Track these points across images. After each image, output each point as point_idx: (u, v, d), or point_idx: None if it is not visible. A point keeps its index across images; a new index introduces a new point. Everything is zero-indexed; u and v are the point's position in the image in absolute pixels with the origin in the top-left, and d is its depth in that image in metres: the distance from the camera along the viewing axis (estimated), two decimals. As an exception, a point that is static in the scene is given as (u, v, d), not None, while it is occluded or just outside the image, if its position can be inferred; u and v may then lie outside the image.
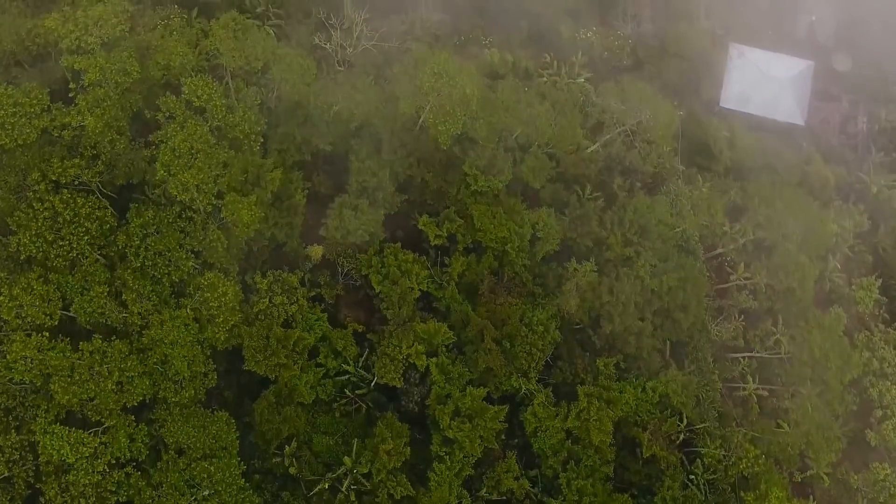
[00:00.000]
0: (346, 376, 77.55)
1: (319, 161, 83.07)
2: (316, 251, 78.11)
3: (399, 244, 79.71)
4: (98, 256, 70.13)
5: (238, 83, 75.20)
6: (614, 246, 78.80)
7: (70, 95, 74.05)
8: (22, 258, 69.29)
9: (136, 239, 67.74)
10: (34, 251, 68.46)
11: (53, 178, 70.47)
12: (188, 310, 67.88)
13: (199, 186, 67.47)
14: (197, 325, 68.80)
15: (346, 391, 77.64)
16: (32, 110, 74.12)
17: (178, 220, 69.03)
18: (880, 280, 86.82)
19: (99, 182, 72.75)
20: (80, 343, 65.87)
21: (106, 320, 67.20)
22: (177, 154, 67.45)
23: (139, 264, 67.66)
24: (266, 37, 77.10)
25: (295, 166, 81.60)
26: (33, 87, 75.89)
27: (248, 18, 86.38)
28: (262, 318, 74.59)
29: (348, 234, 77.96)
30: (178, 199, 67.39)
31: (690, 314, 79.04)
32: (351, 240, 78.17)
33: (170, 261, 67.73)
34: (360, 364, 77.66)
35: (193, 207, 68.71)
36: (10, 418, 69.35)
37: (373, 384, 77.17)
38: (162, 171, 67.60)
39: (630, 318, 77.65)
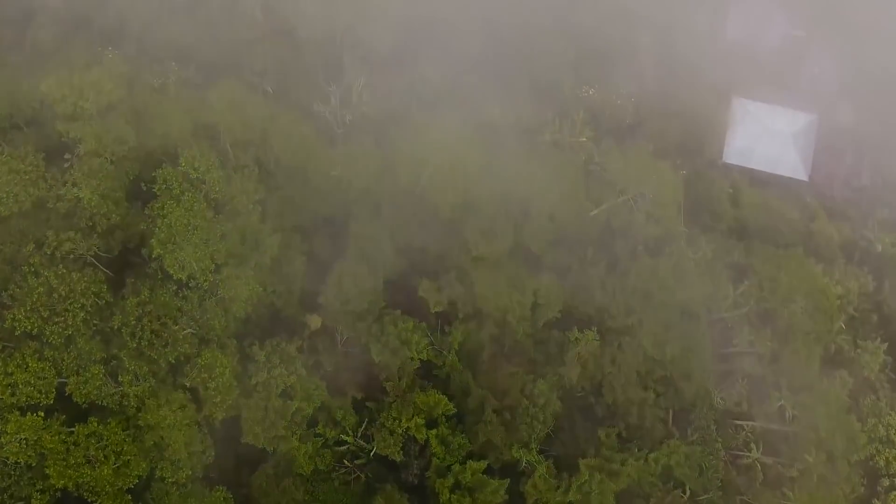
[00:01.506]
0: (346, 446, 77.20)
1: (319, 223, 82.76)
2: (315, 321, 77.77)
3: (399, 311, 79.46)
4: (94, 331, 69.77)
5: (236, 151, 74.77)
6: (617, 315, 78.47)
7: (65, 166, 73.74)
8: (17, 333, 68.95)
9: (132, 318, 67.32)
10: (29, 327, 68.16)
11: (49, 253, 70.29)
12: (185, 392, 67.44)
13: (197, 263, 67.10)
14: (194, 405, 68.39)
15: (346, 461, 77.29)
16: (28, 177, 74.12)
17: (175, 298, 68.60)
18: (886, 344, 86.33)
19: (96, 249, 72.67)
20: (77, 425, 65.47)
21: (102, 401, 66.75)
22: (173, 231, 67.07)
23: (135, 344, 67.22)
24: (264, 104, 76.45)
25: (294, 229, 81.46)
26: (29, 153, 75.92)
27: (245, 78, 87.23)
28: (261, 389, 74.27)
29: (348, 301, 77.72)
30: (174, 277, 66.97)
31: (694, 383, 78.73)
32: (350, 307, 77.87)
33: (166, 341, 67.26)
34: (360, 434, 77.29)
35: (190, 285, 68.28)
36: (6, 497, 68.91)
37: (372, 454, 76.79)
38: (158, 248, 67.28)
39: (632, 387, 77.38)
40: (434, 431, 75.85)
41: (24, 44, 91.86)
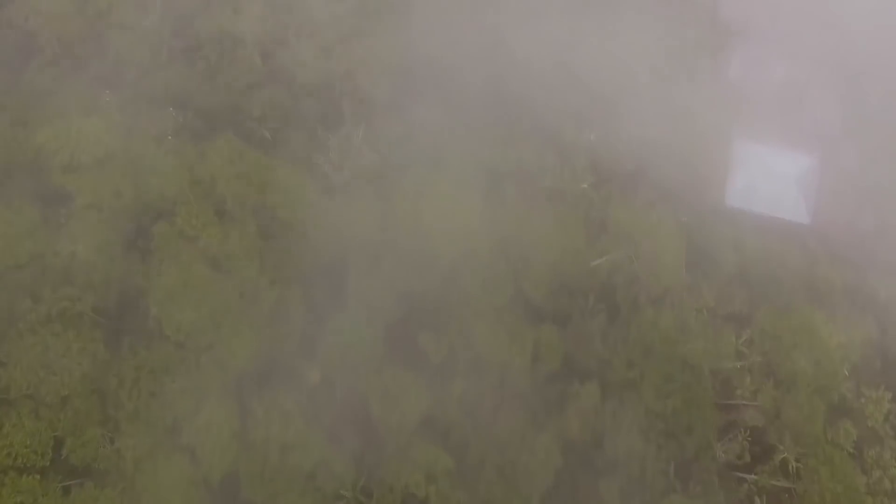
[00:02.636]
0: (345, 501, 76.85)
1: (318, 273, 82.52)
2: (314, 374, 77.65)
3: (398, 362, 79.29)
4: (91, 390, 69.56)
5: (234, 207, 74.70)
6: (618, 369, 78.33)
7: (62, 221, 73.71)
8: (12, 394, 68.77)
9: (129, 381, 67.18)
10: (25, 386, 68.01)
11: (45, 311, 70.17)
12: (183, 453, 67.25)
13: (194, 324, 66.98)
14: (192, 465, 68.18)
15: (345, 516, 77.00)
16: (24, 229, 74.14)
17: (172, 359, 68.44)
18: (890, 393, 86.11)
19: (92, 305, 72.55)
20: (73, 491, 65.22)
21: (99, 465, 66.54)
22: (170, 291, 67.00)
23: (132, 406, 67.04)
24: (262, 158, 76.45)
25: (292, 279, 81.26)
26: (25, 204, 76.00)
27: (243, 125, 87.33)
28: (259, 444, 73.97)
29: (347, 353, 77.59)
30: (172, 339, 66.90)
31: (696, 435, 78.49)
32: (349, 360, 77.72)
33: (164, 403, 67.08)
34: (359, 488, 76.96)
35: (188, 345, 68.14)
36: (1, 559, 68.68)
37: (371, 510, 76.54)
38: (156, 308, 67.19)
39: (633, 441, 77.15)
40: (434, 487, 75.53)
41: (20, 86, 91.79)
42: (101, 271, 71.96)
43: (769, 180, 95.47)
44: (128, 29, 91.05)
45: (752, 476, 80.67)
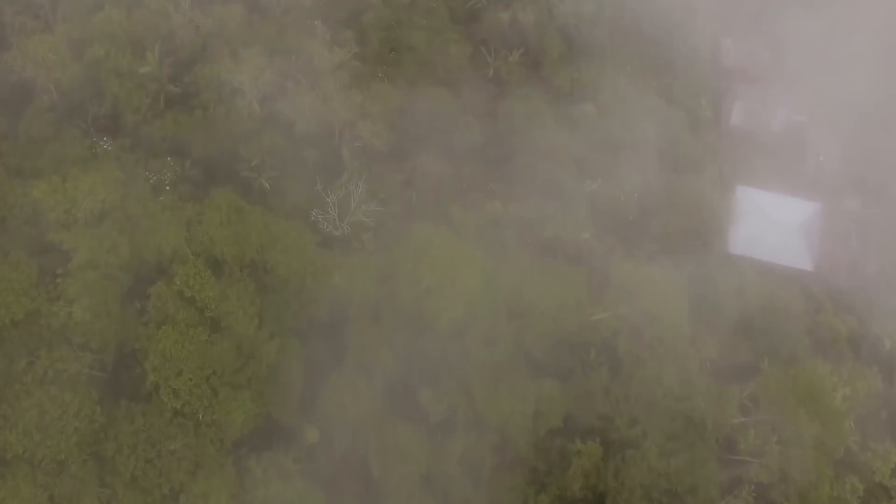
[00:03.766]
0: (343, 560, 76.61)
1: (317, 327, 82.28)
2: (312, 434, 77.28)
3: (398, 419, 78.94)
4: (88, 455, 69.13)
5: (232, 265, 74.48)
6: (620, 426, 77.94)
7: (58, 282, 73.47)
8: (9, 457, 68.40)
9: (126, 448, 66.82)
10: (21, 450, 67.63)
11: (41, 373, 69.92)
12: (180, 522, 67.05)
13: (192, 391, 66.71)
14: (190, 532, 67.93)
15: (344, 576, 76.62)
16: (20, 286, 73.83)
17: (170, 425, 68.09)
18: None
19: (89, 366, 72.30)
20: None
21: (96, 534, 66.30)
22: (167, 357, 66.75)
23: (129, 474, 66.65)
24: (260, 214, 76.33)
25: (291, 333, 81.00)
26: (21, 259, 75.73)
27: (242, 175, 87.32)
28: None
29: (346, 412, 77.23)
30: (169, 406, 66.60)
31: (700, 495, 77.92)
32: (349, 418, 77.37)
33: (161, 471, 66.71)
34: (358, 548, 76.73)
35: (185, 412, 67.83)
36: None
37: (370, 570, 76.18)
38: (153, 375, 66.92)
39: (636, 500, 76.63)
40: (434, 549, 75.26)
41: (17, 132, 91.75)
42: (99, 331, 71.57)
43: (772, 227, 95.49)
44: (125, 75, 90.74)
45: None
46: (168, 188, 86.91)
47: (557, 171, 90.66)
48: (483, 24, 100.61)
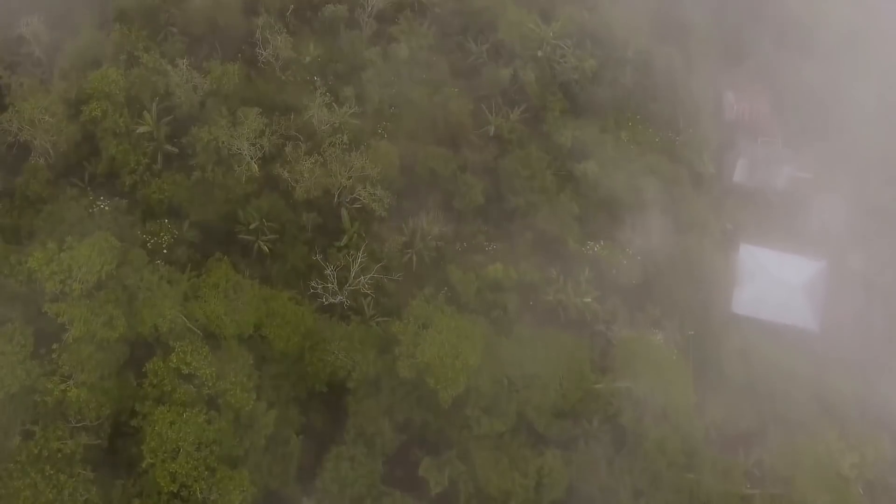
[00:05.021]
0: None
1: (315, 395, 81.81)
2: (312, 506, 76.73)
3: (398, 490, 78.28)
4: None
5: (230, 342, 74.02)
6: (624, 499, 77.30)
7: (53, 357, 73.04)
8: (2, 539, 67.89)
9: (122, 533, 66.36)
10: (14, 535, 67.05)
11: (36, 451, 69.35)
12: None
13: (189, 473, 66.11)
14: None
15: None
16: (15, 358, 73.36)
17: (167, 508, 67.62)
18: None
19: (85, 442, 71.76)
20: None
21: None
22: (164, 439, 66.20)
23: (125, 560, 66.17)
24: (258, 289, 75.98)
25: (290, 401, 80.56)
26: (16, 330, 75.27)
27: (240, 238, 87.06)
28: (256, 582, 73.08)
29: (345, 485, 76.61)
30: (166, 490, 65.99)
31: (706, 569, 77.38)
32: (348, 491, 76.73)
33: (157, 558, 66.23)
34: None
35: (182, 495, 67.21)
36: None
37: None
38: (149, 458, 66.33)
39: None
40: None
41: (13, 193, 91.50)
42: (95, 407, 71.02)
43: (776, 286, 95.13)
44: (122, 135, 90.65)
45: None
46: (165, 251, 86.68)
47: (559, 232, 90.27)
48: (484, 79, 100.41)
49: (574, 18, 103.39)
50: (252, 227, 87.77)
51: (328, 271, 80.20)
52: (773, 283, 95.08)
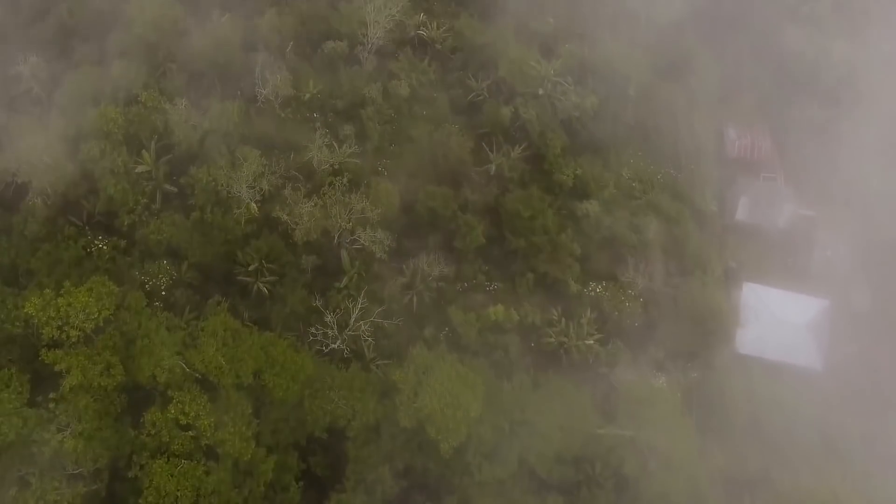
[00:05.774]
0: None
1: (315, 443, 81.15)
2: (311, 555, 76.02)
3: (399, 541, 77.84)
4: None
5: (229, 390, 73.46)
6: (629, 549, 76.68)
7: (50, 407, 72.50)
8: None
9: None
10: None
11: (33, 502, 68.78)
12: None
13: (187, 531, 65.65)
14: None
15: None
16: (11, 405, 72.84)
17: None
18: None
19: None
20: None
21: None
22: (162, 493, 65.62)
23: None
24: (257, 337, 75.53)
25: (289, 447, 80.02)
26: (13, 376, 74.84)
27: (239, 280, 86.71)
28: None
29: (345, 532, 76.07)
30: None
31: None
32: (348, 538, 76.21)
33: None
34: None
35: (179, 551, 66.73)
36: None
37: None
38: (147, 516, 65.89)
39: None
40: None
41: (11, 232, 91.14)
42: (92, 458, 70.48)
43: (780, 325, 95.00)
44: (120, 174, 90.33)
45: None
46: (164, 293, 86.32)
47: (561, 273, 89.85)
48: (485, 116, 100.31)
49: (575, 54, 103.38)
50: (251, 268, 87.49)
51: (328, 318, 79.59)
52: (776, 322, 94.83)
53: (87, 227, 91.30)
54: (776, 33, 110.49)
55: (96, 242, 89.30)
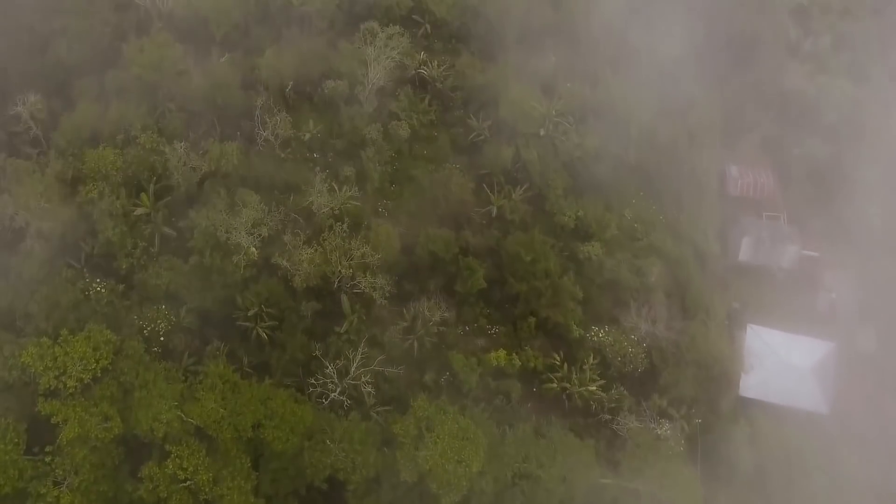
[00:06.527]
0: None
1: (315, 492, 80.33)
2: None
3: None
4: None
5: (228, 445, 72.83)
6: None
7: (47, 460, 71.94)
8: None
9: None
10: None
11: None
12: None
13: (184, 587, 64.88)
14: None
15: None
16: (8, 457, 72.33)
17: None
18: None
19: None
20: None
21: None
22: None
23: None
24: (256, 390, 75.00)
25: (289, 496, 79.30)
26: (9, 425, 74.31)
27: (238, 325, 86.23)
28: None
29: (345, 585, 75.28)
30: None
31: None
32: (348, 593, 75.40)
33: None
34: None
35: None
36: None
37: None
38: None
39: None
40: None
41: (8, 275, 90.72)
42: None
43: (785, 369, 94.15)
44: (119, 217, 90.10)
45: None
46: (162, 338, 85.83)
47: (563, 318, 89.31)
48: (486, 156, 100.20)
49: (576, 94, 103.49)
50: (251, 313, 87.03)
51: (329, 369, 79.10)
52: (781, 365, 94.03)
53: (85, 269, 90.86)
54: (778, 71, 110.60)
55: (94, 285, 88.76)
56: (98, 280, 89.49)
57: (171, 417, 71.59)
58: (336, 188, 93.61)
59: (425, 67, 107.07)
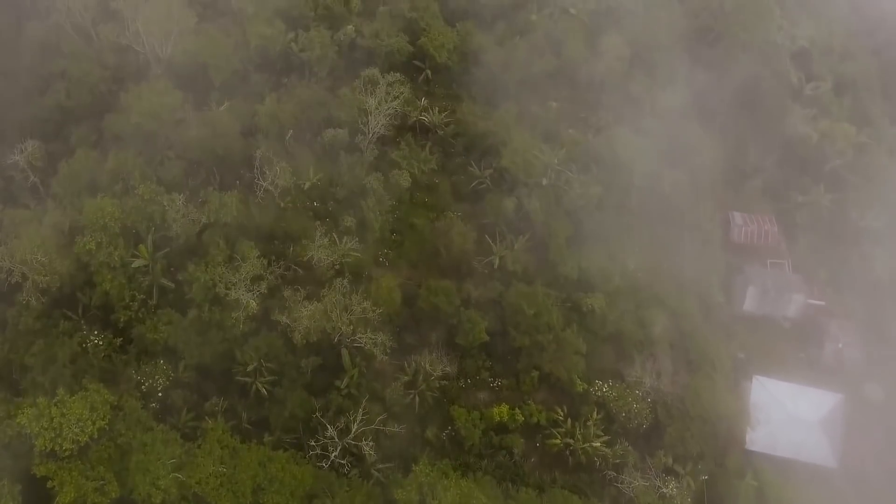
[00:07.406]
0: None
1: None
2: None
3: None
4: None
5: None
6: None
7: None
8: None
9: None
10: None
11: None
12: None
13: None
14: None
15: None
16: (3, 511, 71.61)
17: None
18: None
19: None
20: None
21: None
22: None
23: None
24: (255, 453, 74.29)
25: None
26: (4, 488, 73.61)
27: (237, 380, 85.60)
28: None
29: None
30: None
31: None
32: None
33: None
34: None
35: None
36: None
37: None
38: None
39: None
40: None
41: (6, 324, 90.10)
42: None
43: (791, 421, 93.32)
44: (117, 269, 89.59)
45: None
46: (160, 394, 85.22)
47: (566, 371, 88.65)
48: (488, 206, 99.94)
49: (578, 142, 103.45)
50: (250, 368, 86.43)
51: (330, 431, 78.44)
52: (788, 417, 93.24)
53: (82, 321, 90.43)
54: (780, 116, 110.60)
55: (92, 338, 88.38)
56: (96, 332, 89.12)
57: (169, 483, 70.73)
58: (336, 239, 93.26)
59: (426, 114, 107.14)
